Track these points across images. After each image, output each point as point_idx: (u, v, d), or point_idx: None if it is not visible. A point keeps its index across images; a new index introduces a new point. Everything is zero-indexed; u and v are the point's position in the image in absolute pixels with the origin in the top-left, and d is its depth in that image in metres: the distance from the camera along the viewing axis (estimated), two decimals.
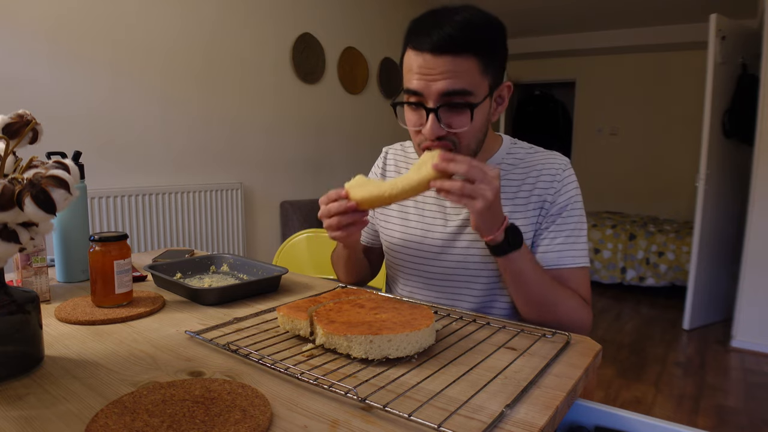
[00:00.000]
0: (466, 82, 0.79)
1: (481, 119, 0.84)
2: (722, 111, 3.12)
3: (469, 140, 0.85)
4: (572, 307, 0.87)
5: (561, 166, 0.93)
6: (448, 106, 0.80)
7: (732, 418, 2.13)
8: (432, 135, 0.81)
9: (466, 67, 0.78)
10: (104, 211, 2.27)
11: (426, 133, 0.81)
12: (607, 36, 5.07)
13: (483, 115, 0.84)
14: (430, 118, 0.80)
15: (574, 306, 0.87)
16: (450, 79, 0.78)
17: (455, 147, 0.84)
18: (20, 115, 0.60)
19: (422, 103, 0.82)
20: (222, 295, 0.90)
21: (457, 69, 0.78)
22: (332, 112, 3.55)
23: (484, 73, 0.80)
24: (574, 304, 0.87)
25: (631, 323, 3.37)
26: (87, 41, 2.17)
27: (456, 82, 0.78)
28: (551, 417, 0.52)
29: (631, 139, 5.36)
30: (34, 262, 0.89)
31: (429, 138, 0.82)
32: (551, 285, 0.86)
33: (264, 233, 3.13)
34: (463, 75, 0.78)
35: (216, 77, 2.73)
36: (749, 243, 2.87)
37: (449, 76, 0.78)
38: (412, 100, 0.83)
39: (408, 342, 0.64)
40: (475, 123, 0.82)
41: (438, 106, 0.80)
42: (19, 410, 0.53)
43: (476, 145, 0.87)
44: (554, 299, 0.85)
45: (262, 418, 0.50)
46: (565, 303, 0.86)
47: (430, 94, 0.80)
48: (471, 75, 0.79)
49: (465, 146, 0.85)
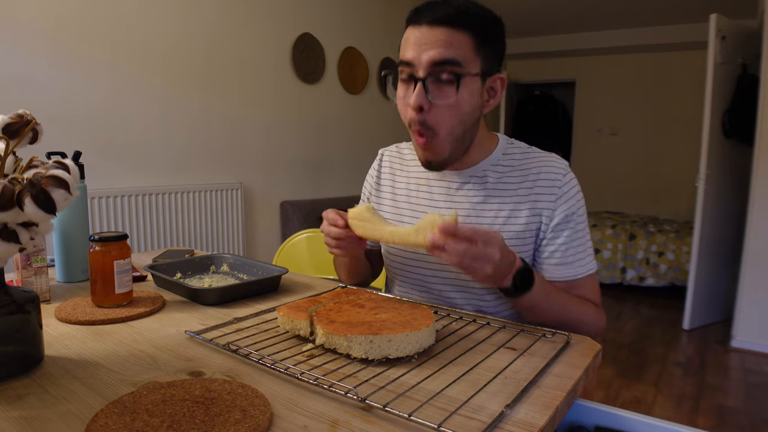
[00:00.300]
0: (458, 54, 0.80)
1: (468, 98, 0.83)
2: (722, 111, 3.12)
3: (450, 126, 0.83)
4: (589, 320, 0.88)
5: (560, 171, 0.90)
6: (437, 79, 0.81)
7: (732, 418, 2.13)
8: (417, 103, 0.81)
9: (459, 40, 0.80)
10: (104, 211, 2.27)
11: (412, 102, 0.81)
12: (607, 36, 5.07)
13: (471, 96, 0.83)
14: (417, 87, 0.81)
15: (591, 317, 0.89)
16: (442, 48, 0.79)
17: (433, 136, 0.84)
18: (20, 115, 0.60)
19: (413, 74, 0.82)
20: (222, 295, 0.90)
21: (451, 40, 0.80)
22: (332, 112, 3.55)
23: (477, 52, 0.81)
24: (590, 316, 0.89)
25: (631, 323, 3.37)
26: (87, 41, 2.18)
27: (447, 51, 0.79)
28: (551, 417, 0.52)
29: (631, 139, 5.36)
30: (34, 262, 0.89)
31: (414, 106, 0.81)
32: (566, 305, 0.86)
33: (264, 233, 3.13)
34: (456, 47, 0.80)
35: (216, 77, 2.73)
36: (749, 243, 2.87)
37: (441, 45, 0.79)
38: (405, 72, 0.84)
39: (408, 342, 0.64)
40: (461, 101, 0.82)
41: (427, 75, 0.80)
42: (19, 410, 0.53)
43: (461, 130, 0.85)
44: (571, 318, 0.86)
45: (262, 418, 0.50)
46: (582, 318, 0.87)
47: (421, 62, 0.80)
48: (464, 49, 0.80)
49: (446, 133, 0.84)
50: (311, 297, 0.82)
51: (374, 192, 1.08)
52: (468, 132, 0.87)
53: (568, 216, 0.89)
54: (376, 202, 1.07)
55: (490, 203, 0.92)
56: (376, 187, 1.08)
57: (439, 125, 0.83)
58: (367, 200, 1.11)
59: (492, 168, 0.93)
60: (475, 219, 0.92)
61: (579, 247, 0.90)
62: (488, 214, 0.92)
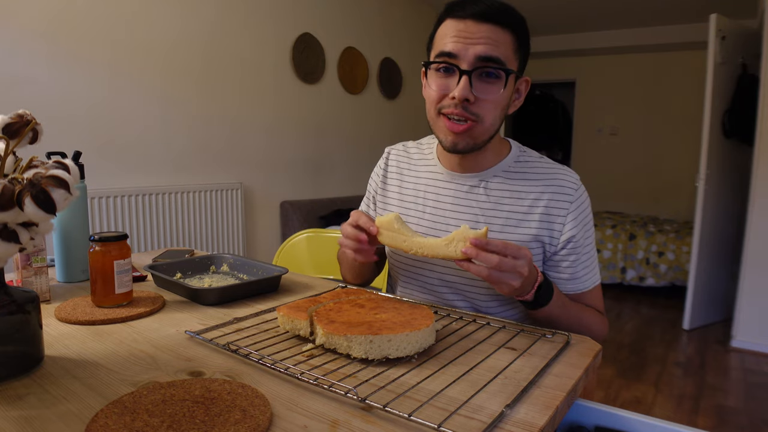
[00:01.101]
0: (502, 52, 0.81)
1: (507, 95, 0.85)
2: (722, 111, 3.12)
3: (494, 114, 0.85)
4: (597, 328, 0.92)
5: (573, 185, 0.90)
6: (481, 72, 0.82)
7: (732, 418, 2.13)
8: (462, 96, 0.81)
9: (504, 38, 0.81)
10: (104, 211, 2.27)
11: (457, 94, 0.81)
12: (607, 36, 5.07)
13: (509, 93, 0.86)
14: (463, 80, 0.81)
15: (599, 326, 0.92)
16: (489, 45, 0.80)
17: (478, 121, 0.84)
18: (20, 115, 0.60)
19: (456, 65, 0.82)
20: (222, 295, 0.90)
21: (497, 38, 0.81)
22: (332, 112, 3.55)
23: (517, 52, 0.84)
24: (598, 324, 0.92)
25: (631, 323, 3.37)
26: (87, 41, 2.18)
27: (494, 48, 0.80)
28: (551, 417, 0.52)
29: (631, 139, 5.36)
30: (34, 262, 0.89)
31: (459, 98, 0.81)
32: (578, 315, 0.89)
33: (264, 233, 3.13)
34: (501, 45, 0.81)
35: (216, 77, 2.73)
36: (749, 243, 2.87)
37: (489, 42, 0.80)
38: (443, 64, 0.83)
39: (408, 342, 0.64)
40: (502, 97, 0.84)
41: (473, 69, 0.81)
42: (19, 410, 0.53)
43: (495, 124, 0.86)
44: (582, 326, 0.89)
45: (262, 418, 0.50)
46: (592, 327, 0.90)
47: (467, 56, 0.81)
48: (507, 48, 0.82)
49: (490, 122, 0.85)
50: (311, 297, 0.82)
51: (380, 190, 1.07)
52: (497, 126, 0.88)
53: (579, 231, 0.89)
54: (381, 201, 1.07)
55: (499, 209, 0.91)
56: (382, 185, 1.07)
57: (482, 114, 0.84)
58: (372, 198, 1.10)
59: (503, 174, 0.93)
60: (483, 222, 0.92)
61: (587, 261, 0.92)
62: (497, 221, 0.91)
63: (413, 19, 4.31)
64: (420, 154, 1.04)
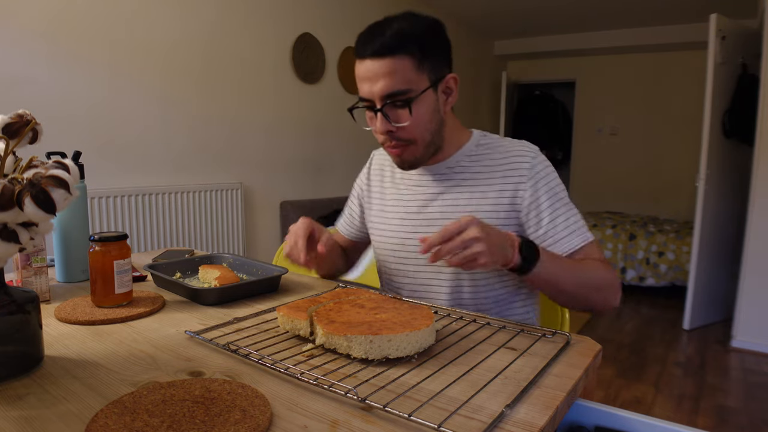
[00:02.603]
0: (402, 80, 0.87)
1: (424, 111, 0.90)
2: (722, 111, 3.12)
3: (419, 133, 0.91)
4: (605, 275, 0.89)
5: (529, 153, 0.96)
6: (392, 106, 0.89)
7: (732, 418, 2.13)
8: (381, 130, 0.91)
9: (401, 65, 0.86)
10: (104, 211, 2.27)
11: (376, 129, 0.92)
12: (607, 36, 5.07)
13: (427, 108, 0.91)
14: (378, 117, 0.90)
15: (608, 274, 0.90)
16: (388, 80, 0.87)
17: (409, 144, 0.92)
18: (20, 115, 0.60)
19: (371, 106, 0.91)
20: (222, 295, 0.91)
21: (393, 68, 0.86)
22: (332, 112, 3.55)
23: (420, 70, 0.88)
24: (603, 271, 0.89)
25: (631, 323, 3.37)
26: (87, 41, 2.17)
27: (393, 83, 0.87)
28: (551, 417, 0.52)
29: (631, 139, 5.36)
30: (34, 262, 0.89)
31: (379, 132, 0.92)
32: (579, 267, 0.88)
33: (264, 233, 3.13)
34: (399, 73, 0.87)
35: (216, 77, 2.73)
36: (749, 243, 2.87)
37: (386, 76, 0.87)
38: (365, 105, 0.92)
39: (408, 342, 0.64)
40: (418, 116, 0.90)
41: (383, 105, 0.89)
42: (19, 410, 0.53)
43: (430, 136, 0.93)
44: (590, 278, 0.88)
45: (262, 418, 0.50)
46: (599, 274, 0.89)
47: (374, 96, 0.89)
48: (407, 71, 0.87)
49: (420, 140, 0.92)
50: (311, 297, 0.82)
51: (365, 192, 1.13)
52: (436, 134, 0.94)
53: (542, 194, 0.93)
54: (367, 202, 1.12)
55: (463, 188, 0.97)
56: (366, 187, 1.13)
57: (411, 137, 0.92)
58: (357, 200, 1.16)
59: (465, 158, 0.99)
60: (451, 204, 0.97)
61: (567, 221, 0.93)
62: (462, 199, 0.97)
63: None
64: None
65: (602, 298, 0.89)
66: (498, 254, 0.77)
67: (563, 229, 0.92)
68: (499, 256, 0.77)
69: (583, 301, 0.89)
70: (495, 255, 0.76)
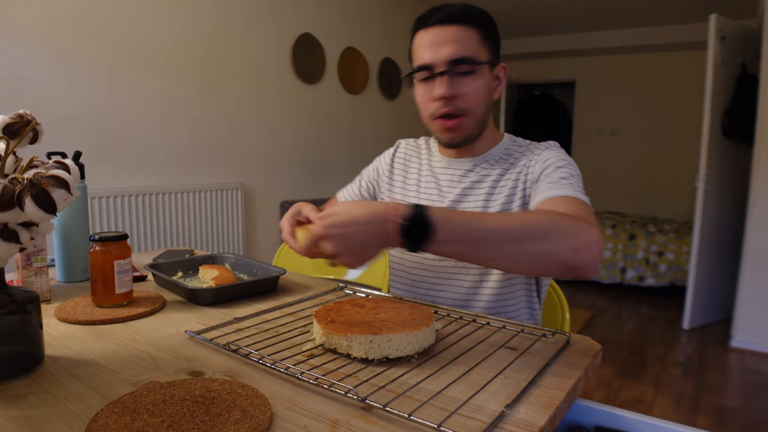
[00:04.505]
0: (469, 49, 0.89)
1: (484, 84, 0.92)
2: (722, 111, 3.12)
3: (477, 104, 0.92)
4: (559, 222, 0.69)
5: (544, 145, 0.98)
6: (455, 73, 0.90)
7: (732, 418, 2.13)
8: (443, 94, 0.90)
9: (469, 35, 0.89)
10: (104, 211, 2.27)
11: (439, 92, 0.90)
12: (607, 36, 5.07)
13: (485, 82, 0.93)
14: (439, 80, 0.90)
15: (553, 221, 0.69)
16: (456, 45, 0.88)
17: (464, 114, 0.92)
18: (20, 115, 0.60)
19: (432, 72, 0.91)
20: (218, 295, 0.91)
21: (462, 36, 0.89)
22: (332, 112, 3.55)
23: (484, 43, 0.91)
24: (553, 219, 0.69)
25: (631, 323, 3.37)
26: (87, 41, 2.17)
27: (461, 48, 0.88)
28: (551, 417, 0.52)
29: (631, 139, 5.36)
30: (34, 262, 0.89)
31: (440, 96, 0.90)
32: (511, 220, 0.69)
33: (264, 233, 3.13)
34: (467, 42, 0.89)
35: (216, 77, 2.73)
36: (749, 243, 2.87)
37: (455, 41, 0.88)
38: (423, 75, 0.92)
39: (408, 342, 0.64)
40: (478, 87, 0.91)
41: (446, 70, 0.89)
42: (19, 410, 0.53)
43: (482, 113, 0.95)
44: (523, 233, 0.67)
45: (262, 418, 0.50)
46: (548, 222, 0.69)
47: (439, 60, 0.89)
48: (473, 42, 0.90)
49: (473, 112, 0.92)
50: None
51: (386, 176, 1.13)
52: (485, 115, 0.96)
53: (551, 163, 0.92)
54: (388, 188, 1.12)
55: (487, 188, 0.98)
56: (388, 172, 1.13)
57: (468, 107, 0.92)
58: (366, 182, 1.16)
59: (493, 159, 1.01)
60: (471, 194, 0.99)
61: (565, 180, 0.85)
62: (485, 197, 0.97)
63: (413, 19, 4.30)
64: (426, 146, 1.12)
65: (546, 249, 0.66)
66: (357, 253, 0.66)
67: (557, 180, 0.86)
68: (358, 254, 0.67)
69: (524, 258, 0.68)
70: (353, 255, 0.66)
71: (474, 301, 0.98)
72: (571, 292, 3.94)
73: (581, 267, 0.67)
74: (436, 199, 1.02)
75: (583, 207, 0.78)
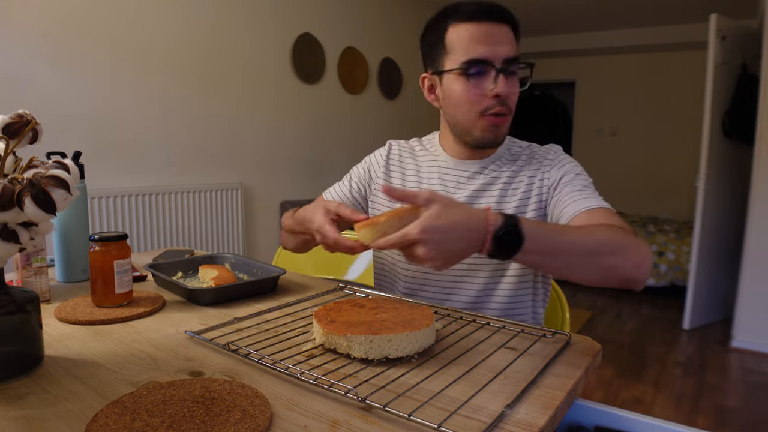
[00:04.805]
0: (516, 49, 0.91)
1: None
2: (722, 111, 3.12)
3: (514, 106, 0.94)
4: (621, 237, 0.74)
5: (552, 149, 1.00)
6: (509, 71, 0.90)
7: (732, 418, 2.13)
8: (502, 92, 0.89)
9: (512, 36, 0.91)
10: (104, 211, 2.27)
11: (500, 91, 0.89)
12: (607, 36, 5.07)
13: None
14: (501, 78, 0.89)
15: (624, 236, 0.74)
16: (511, 45, 0.90)
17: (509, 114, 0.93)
18: (20, 115, 0.60)
19: (492, 66, 0.89)
20: (217, 295, 0.91)
21: (511, 37, 0.90)
22: (332, 112, 3.55)
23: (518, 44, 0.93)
24: (619, 234, 0.75)
25: (631, 323, 3.37)
26: (87, 41, 2.17)
27: (514, 48, 0.90)
28: (551, 417, 0.52)
29: (631, 139, 5.36)
30: (34, 262, 0.89)
31: (498, 93, 0.89)
32: (584, 231, 0.74)
33: (264, 233, 3.13)
34: (514, 43, 0.91)
35: (216, 77, 2.73)
36: (749, 243, 2.87)
37: (509, 42, 0.90)
38: (477, 67, 0.89)
39: (408, 342, 0.64)
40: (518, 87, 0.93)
41: (503, 67, 0.89)
42: (19, 410, 0.53)
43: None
44: (600, 241, 0.73)
45: (262, 418, 0.50)
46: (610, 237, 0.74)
47: (498, 57, 0.88)
48: (516, 44, 0.91)
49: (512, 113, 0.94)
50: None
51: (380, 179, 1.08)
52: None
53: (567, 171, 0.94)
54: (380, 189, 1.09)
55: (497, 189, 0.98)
56: (384, 174, 1.09)
57: (511, 107, 0.93)
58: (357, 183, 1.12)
59: (500, 160, 1.01)
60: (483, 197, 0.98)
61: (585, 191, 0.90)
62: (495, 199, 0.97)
63: (413, 19, 4.31)
64: (421, 147, 1.10)
65: (615, 263, 0.72)
66: (450, 260, 0.67)
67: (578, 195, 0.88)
68: (451, 260, 0.67)
69: (596, 270, 0.73)
70: (446, 261, 0.66)
71: (483, 309, 0.97)
72: (571, 292, 3.94)
73: (640, 280, 0.74)
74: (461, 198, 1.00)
75: (619, 218, 0.85)
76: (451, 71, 0.91)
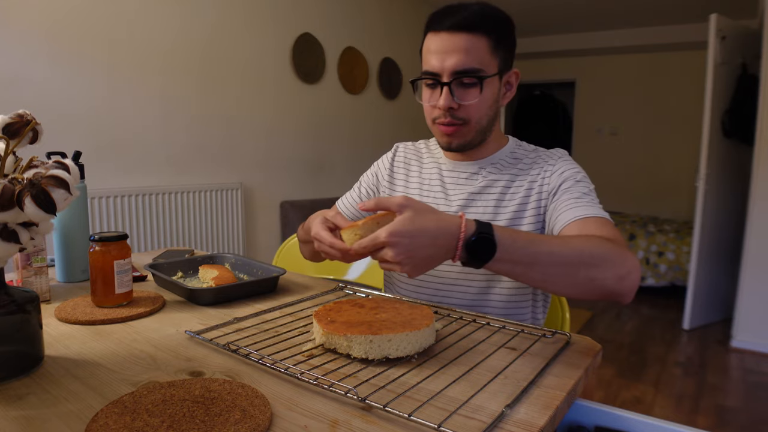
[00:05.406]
0: (476, 60, 0.87)
1: (490, 95, 0.91)
2: (722, 111, 3.12)
3: (479, 115, 0.91)
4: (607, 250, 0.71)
5: (556, 154, 0.98)
6: (460, 83, 0.88)
7: (732, 418, 2.13)
8: (445, 105, 0.89)
9: (478, 44, 0.87)
10: (104, 211, 2.27)
11: (441, 104, 0.89)
12: (607, 36, 5.07)
13: (492, 93, 0.91)
14: (444, 91, 0.88)
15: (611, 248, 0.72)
16: (462, 55, 0.86)
17: (464, 124, 0.91)
18: (20, 115, 0.60)
19: (437, 79, 0.89)
20: (217, 295, 0.91)
21: (470, 46, 0.86)
22: (332, 112, 3.55)
23: (493, 53, 0.89)
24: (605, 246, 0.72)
25: (631, 323, 3.37)
26: (87, 41, 2.17)
27: (468, 60, 0.86)
28: (551, 417, 0.52)
29: (631, 139, 5.36)
30: (34, 262, 0.89)
31: (442, 107, 0.89)
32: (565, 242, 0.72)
33: (264, 233, 3.13)
34: (474, 52, 0.86)
35: (216, 77, 2.73)
36: (749, 243, 2.87)
37: (462, 52, 0.86)
38: (429, 81, 0.91)
39: (408, 342, 0.64)
40: (482, 98, 0.90)
41: (451, 80, 0.88)
42: (19, 410, 0.53)
43: (486, 122, 0.93)
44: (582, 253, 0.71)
45: (262, 418, 0.50)
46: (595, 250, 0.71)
47: (444, 70, 0.87)
48: (482, 53, 0.87)
49: (475, 122, 0.91)
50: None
51: (386, 181, 1.10)
52: (490, 122, 0.95)
53: (568, 176, 0.93)
54: (389, 192, 1.10)
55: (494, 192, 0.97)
56: (389, 177, 1.10)
57: (468, 117, 0.91)
58: (366, 189, 1.13)
59: (500, 162, 1.00)
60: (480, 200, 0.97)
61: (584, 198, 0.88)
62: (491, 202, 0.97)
63: (413, 19, 4.31)
64: (426, 149, 1.11)
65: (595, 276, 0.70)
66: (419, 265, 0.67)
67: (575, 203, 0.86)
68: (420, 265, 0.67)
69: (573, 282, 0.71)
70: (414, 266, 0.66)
71: (481, 310, 0.97)
72: None
73: (623, 294, 0.72)
74: (441, 202, 1.00)
75: (613, 229, 0.82)
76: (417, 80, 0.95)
